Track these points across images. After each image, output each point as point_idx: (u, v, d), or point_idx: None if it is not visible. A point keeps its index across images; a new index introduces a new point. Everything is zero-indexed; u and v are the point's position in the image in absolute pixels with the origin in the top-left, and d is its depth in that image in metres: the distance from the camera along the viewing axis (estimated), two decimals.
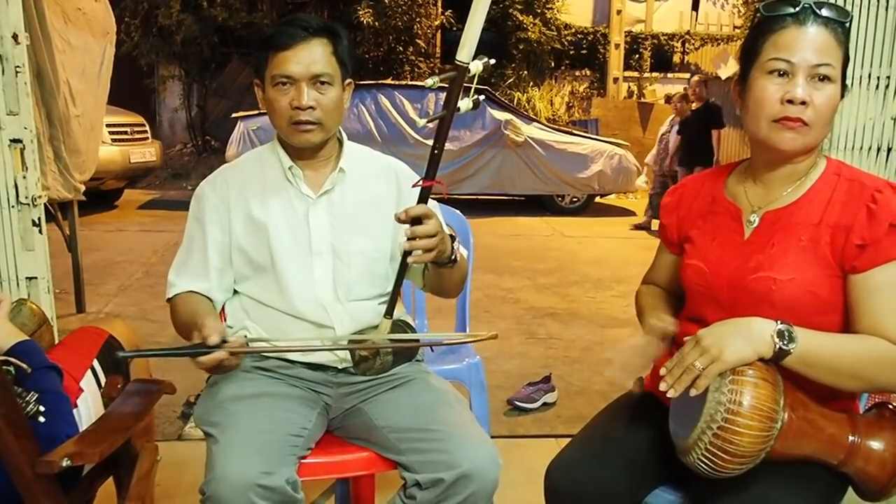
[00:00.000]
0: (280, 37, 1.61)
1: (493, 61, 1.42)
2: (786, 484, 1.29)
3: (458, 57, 1.36)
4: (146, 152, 8.64)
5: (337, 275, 1.71)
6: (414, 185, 1.52)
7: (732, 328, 1.27)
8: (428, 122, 1.46)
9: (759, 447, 1.21)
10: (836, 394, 1.35)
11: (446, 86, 1.40)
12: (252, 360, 1.72)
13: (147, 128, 8.94)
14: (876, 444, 1.30)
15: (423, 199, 1.50)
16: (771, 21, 1.35)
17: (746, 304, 1.36)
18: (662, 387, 1.28)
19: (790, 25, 1.32)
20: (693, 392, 1.24)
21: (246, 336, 1.73)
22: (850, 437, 1.29)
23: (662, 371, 1.30)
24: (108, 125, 7.27)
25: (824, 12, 1.32)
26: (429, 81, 1.40)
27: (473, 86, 1.40)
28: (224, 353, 1.42)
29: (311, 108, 1.62)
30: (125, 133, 8.31)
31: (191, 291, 1.71)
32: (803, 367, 1.26)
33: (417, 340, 1.73)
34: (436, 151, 1.45)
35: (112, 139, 7.91)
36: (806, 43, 1.31)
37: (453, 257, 1.61)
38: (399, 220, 1.47)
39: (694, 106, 7.54)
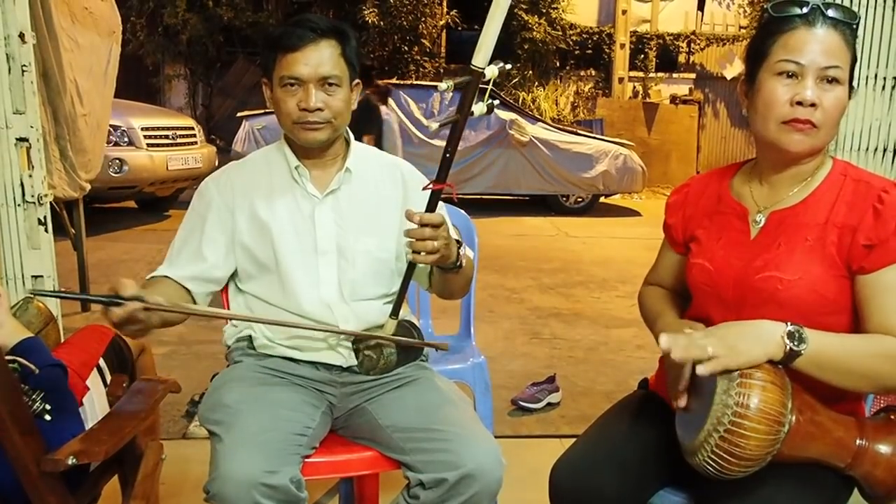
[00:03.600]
0: (289, 38, 1.61)
1: (508, 66, 1.41)
2: (792, 486, 1.29)
3: (473, 62, 1.35)
4: (189, 158, 7.57)
5: (342, 274, 1.71)
6: (424, 188, 1.52)
7: (743, 329, 1.26)
8: (440, 126, 1.46)
9: (766, 450, 1.21)
10: (841, 396, 1.35)
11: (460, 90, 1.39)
12: (257, 359, 1.72)
13: (196, 131, 8.00)
14: (884, 448, 1.29)
15: (433, 202, 1.50)
16: (779, 22, 1.34)
17: (753, 304, 1.36)
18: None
19: (799, 27, 1.32)
20: (701, 370, 1.21)
21: (250, 336, 1.73)
22: (858, 441, 1.29)
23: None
24: (143, 129, 6.98)
25: (833, 13, 1.31)
26: (442, 86, 1.39)
27: (489, 89, 1.39)
28: (137, 304, 1.36)
29: (318, 109, 1.62)
30: (165, 137, 7.38)
31: (165, 276, 1.69)
32: (814, 369, 1.26)
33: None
34: (447, 155, 1.45)
35: (147, 144, 7.07)
36: (815, 44, 1.30)
37: (458, 263, 1.61)
38: (409, 219, 1.47)
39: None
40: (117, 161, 6.73)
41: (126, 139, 6.93)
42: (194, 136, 7.98)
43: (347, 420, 1.70)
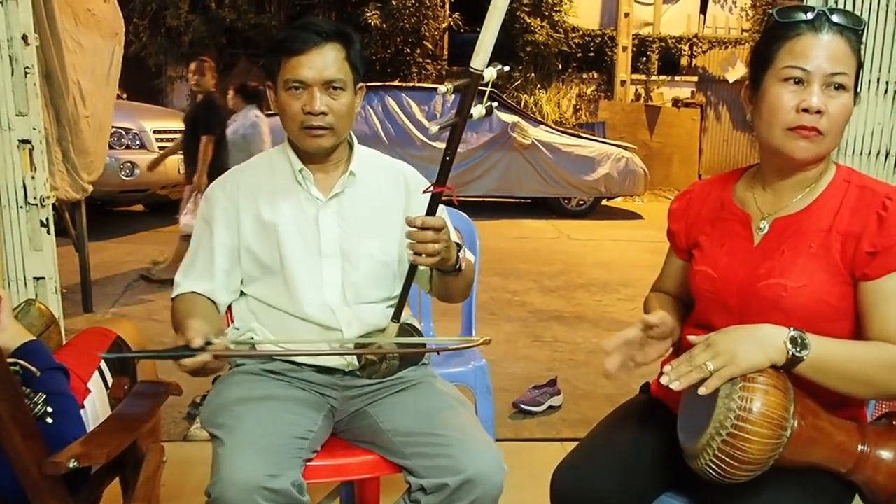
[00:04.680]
0: (293, 41, 1.61)
1: (507, 68, 1.41)
2: (794, 491, 1.29)
3: (472, 64, 1.35)
4: None
5: (346, 277, 1.71)
6: (425, 191, 1.52)
7: (745, 334, 1.26)
8: (440, 129, 1.46)
9: (768, 454, 1.21)
10: (843, 401, 1.35)
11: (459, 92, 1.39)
12: (258, 362, 1.72)
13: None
14: (885, 454, 1.29)
15: (433, 205, 1.50)
16: (785, 28, 1.34)
17: (756, 311, 1.35)
18: (664, 380, 1.26)
19: (805, 33, 1.32)
20: (703, 391, 1.22)
21: (253, 337, 1.73)
22: (860, 446, 1.29)
23: (666, 368, 1.29)
24: (154, 132, 6.88)
25: (838, 19, 1.31)
26: (442, 89, 1.39)
27: (488, 90, 1.39)
28: (208, 356, 1.40)
29: (322, 113, 1.62)
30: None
31: (193, 292, 1.71)
32: (816, 374, 1.26)
33: (423, 346, 1.73)
34: (447, 158, 1.45)
35: (159, 147, 6.86)
36: (821, 51, 1.30)
37: (458, 266, 1.61)
38: (409, 223, 1.47)
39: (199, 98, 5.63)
40: (129, 164, 6.66)
41: (138, 142, 6.86)
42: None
43: (349, 423, 1.70)
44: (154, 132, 6.95)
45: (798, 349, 1.23)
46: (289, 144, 1.75)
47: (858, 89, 1.35)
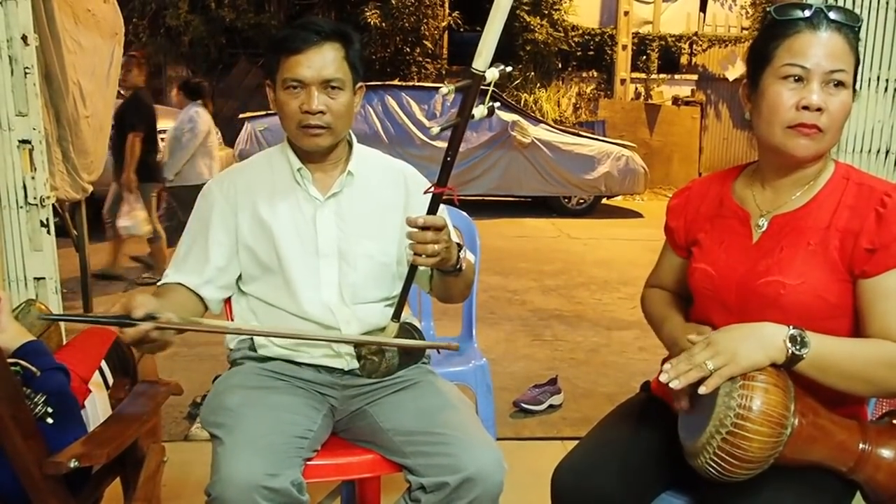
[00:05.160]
0: (292, 40, 1.61)
1: (509, 69, 1.41)
2: (794, 490, 1.28)
3: (474, 65, 1.35)
4: None
5: (343, 277, 1.71)
6: (426, 192, 1.52)
7: (745, 333, 1.26)
8: (441, 129, 1.46)
9: (769, 453, 1.21)
10: (844, 399, 1.35)
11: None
12: (258, 361, 1.72)
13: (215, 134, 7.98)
14: (886, 453, 1.29)
15: (434, 205, 1.50)
16: (783, 25, 1.34)
17: (755, 309, 1.35)
18: (663, 378, 1.26)
19: (804, 30, 1.31)
20: (703, 389, 1.22)
21: (253, 338, 1.73)
22: (861, 445, 1.29)
23: (666, 366, 1.29)
24: (162, 131, 6.45)
25: (836, 16, 1.31)
26: (444, 89, 1.39)
27: (490, 90, 1.39)
28: (148, 325, 1.37)
29: (321, 112, 1.62)
30: None
31: (178, 283, 1.70)
32: (816, 372, 1.26)
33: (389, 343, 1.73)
34: (448, 158, 1.45)
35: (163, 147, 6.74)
36: (820, 48, 1.30)
37: (458, 266, 1.61)
38: (409, 224, 1.47)
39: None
40: None
41: None
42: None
43: (349, 423, 1.71)
44: (160, 132, 6.83)
45: (798, 347, 1.24)
46: (288, 144, 1.75)
47: (857, 86, 1.35)
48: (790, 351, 1.24)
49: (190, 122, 5.55)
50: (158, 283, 1.73)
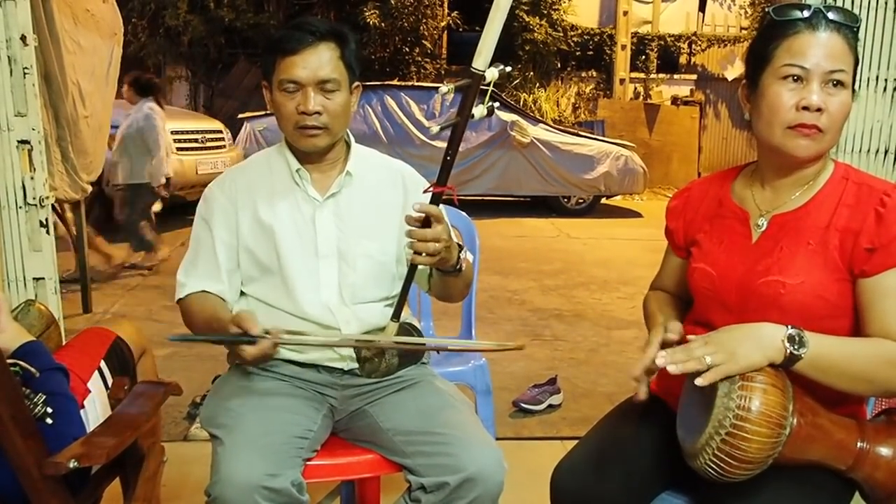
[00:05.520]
0: (288, 41, 1.62)
1: (508, 68, 1.42)
2: (793, 489, 1.29)
3: (473, 64, 1.35)
4: (218, 162, 7.26)
5: (342, 278, 1.71)
6: (425, 191, 1.52)
7: (743, 333, 1.26)
8: (441, 129, 1.46)
9: (768, 453, 1.21)
10: (842, 399, 1.35)
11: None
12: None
13: (224, 134, 7.74)
14: (884, 451, 1.29)
15: (433, 205, 1.50)
16: (782, 26, 1.34)
17: (755, 308, 1.36)
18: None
19: (803, 31, 1.32)
20: (699, 381, 1.22)
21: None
22: (859, 443, 1.29)
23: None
24: (174, 132, 6.65)
25: (835, 16, 1.31)
26: (443, 89, 1.39)
27: (490, 90, 1.39)
28: (269, 343, 1.45)
29: (317, 113, 1.62)
30: (195, 141, 7.10)
31: (204, 291, 1.70)
32: (814, 372, 1.26)
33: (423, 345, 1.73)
34: (448, 158, 1.45)
35: (177, 148, 6.74)
36: (819, 48, 1.30)
37: (458, 266, 1.61)
38: (408, 222, 1.47)
39: None
40: None
41: None
42: (223, 139, 7.78)
43: (349, 423, 1.71)
44: (173, 133, 6.68)
45: (796, 347, 1.24)
46: (286, 144, 1.75)
47: (856, 86, 1.36)
48: (788, 351, 1.24)
49: (146, 120, 5.43)
50: (182, 295, 1.71)
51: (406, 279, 1.58)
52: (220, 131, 7.74)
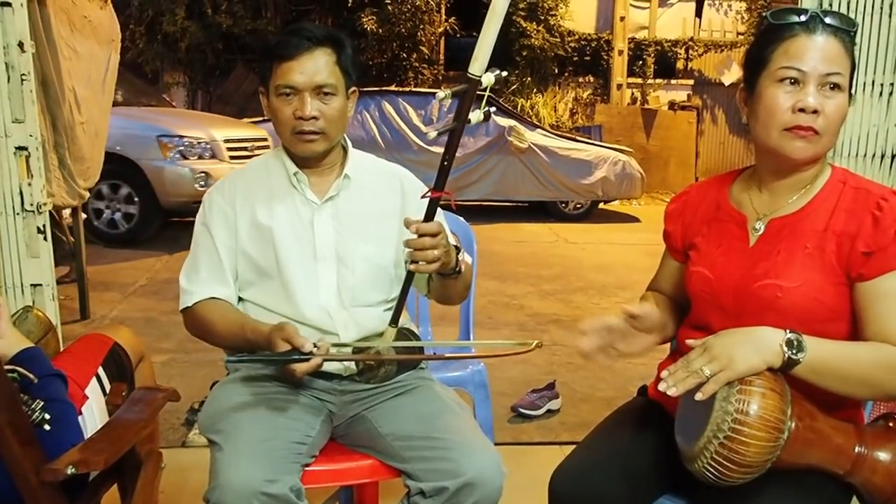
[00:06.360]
0: (284, 46, 1.62)
1: (504, 73, 1.42)
2: (791, 493, 1.29)
3: (470, 70, 1.36)
4: None
5: (342, 280, 1.71)
6: (423, 196, 1.53)
7: (741, 337, 1.27)
8: (438, 134, 1.46)
9: (766, 457, 1.21)
10: (841, 403, 1.35)
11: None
12: (258, 367, 1.72)
13: (269, 142, 7.58)
14: (883, 455, 1.29)
15: (431, 210, 1.50)
16: (779, 30, 1.35)
17: (752, 312, 1.36)
18: (661, 386, 1.27)
19: (800, 34, 1.32)
20: (699, 396, 1.23)
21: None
22: (857, 448, 1.29)
23: (664, 374, 1.29)
24: (226, 141, 6.69)
25: (831, 21, 1.32)
26: (440, 94, 1.40)
27: (486, 95, 1.40)
28: (318, 360, 1.44)
29: (314, 118, 1.63)
30: (245, 149, 6.96)
31: (213, 298, 1.70)
32: (813, 376, 1.26)
33: (469, 350, 1.72)
34: (445, 163, 1.46)
35: (230, 156, 6.70)
36: (816, 51, 1.31)
37: (458, 268, 1.61)
38: (407, 226, 1.47)
39: None
40: (203, 174, 6.47)
41: (209, 152, 6.66)
42: (269, 146, 7.64)
43: (347, 428, 1.70)
44: (225, 141, 6.74)
45: (794, 351, 1.24)
46: (283, 149, 1.75)
47: (853, 91, 1.36)
48: (787, 355, 1.24)
49: None
50: (190, 302, 1.70)
51: (404, 284, 1.58)
52: (266, 139, 7.68)
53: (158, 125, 6.61)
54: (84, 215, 4.54)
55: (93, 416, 1.68)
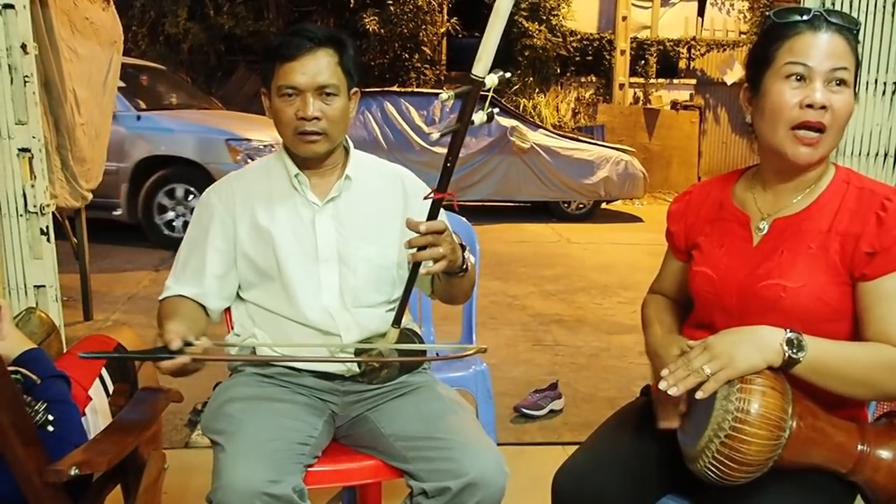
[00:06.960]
0: (286, 47, 1.62)
1: (508, 74, 1.42)
2: (794, 492, 1.28)
3: (473, 71, 1.36)
4: None
5: (343, 281, 1.71)
6: (426, 197, 1.53)
7: (742, 336, 1.27)
8: (441, 135, 1.46)
9: (767, 456, 1.21)
10: (843, 402, 1.35)
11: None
12: (258, 368, 1.72)
13: None
14: (885, 454, 1.29)
15: (434, 211, 1.50)
16: (783, 28, 1.34)
17: (755, 312, 1.36)
18: (662, 385, 1.27)
19: (804, 31, 1.32)
20: (700, 395, 1.23)
21: (254, 345, 1.73)
22: (859, 446, 1.29)
23: (665, 372, 1.29)
24: (266, 145, 6.55)
25: (835, 19, 1.32)
26: (443, 95, 1.40)
27: (490, 96, 1.39)
28: (186, 358, 1.40)
29: (316, 118, 1.63)
30: (271, 151, 7.16)
31: (181, 296, 1.71)
32: (813, 376, 1.26)
33: (423, 353, 1.73)
34: (448, 164, 1.46)
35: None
36: (821, 48, 1.31)
37: (464, 266, 1.61)
38: (411, 228, 1.47)
39: None
40: None
41: (257, 155, 6.47)
42: None
43: (350, 429, 1.70)
44: (265, 145, 6.60)
45: (794, 351, 1.24)
46: (284, 150, 1.75)
47: (857, 89, 1.36)
48: (787, 354, 1.24)
49: None
50: (161, 298, 1.72)
51: (407, 284, 1.58)
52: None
53: (226, 129, 6.61)
54: (95, 215, 4.51)
55: (96, 417, 1.68)
